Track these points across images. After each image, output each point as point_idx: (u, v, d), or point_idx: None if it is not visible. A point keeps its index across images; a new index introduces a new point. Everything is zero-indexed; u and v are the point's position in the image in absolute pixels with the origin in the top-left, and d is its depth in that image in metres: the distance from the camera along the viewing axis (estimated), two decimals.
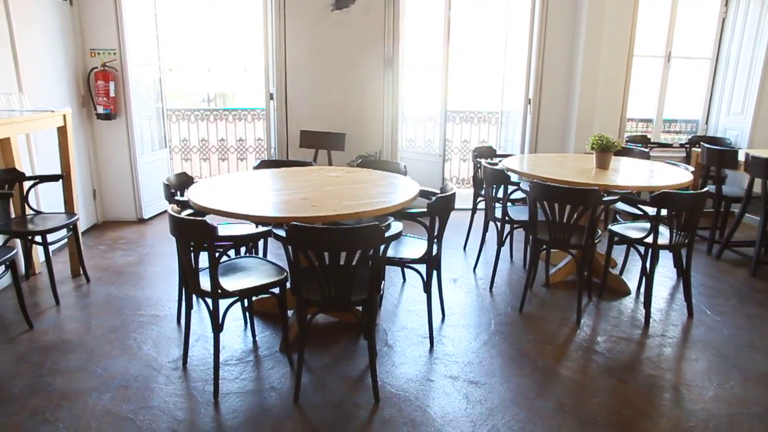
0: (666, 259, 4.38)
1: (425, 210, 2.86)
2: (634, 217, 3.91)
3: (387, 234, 2.35)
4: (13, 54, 3.92)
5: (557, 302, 3.66)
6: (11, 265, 3.14)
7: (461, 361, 2.91)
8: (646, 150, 4.77)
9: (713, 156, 4.56)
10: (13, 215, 3.75)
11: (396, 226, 2.47)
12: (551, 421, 2.41)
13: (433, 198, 2.86)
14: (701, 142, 5.01)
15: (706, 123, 6.12)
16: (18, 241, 3.76)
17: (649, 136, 5.94)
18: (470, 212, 4.79)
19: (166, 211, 5.66)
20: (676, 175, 3.65)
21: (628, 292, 3.82)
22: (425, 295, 3.09)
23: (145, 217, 5.42)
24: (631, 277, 4.08)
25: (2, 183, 3.57)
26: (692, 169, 3.86)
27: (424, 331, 3.20)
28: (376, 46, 5.33)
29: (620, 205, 4.01)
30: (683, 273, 3.52)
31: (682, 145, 5.89)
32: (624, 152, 4.77)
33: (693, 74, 6.04)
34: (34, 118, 3.53)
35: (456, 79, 6.24)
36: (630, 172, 3.87)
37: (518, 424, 2.39)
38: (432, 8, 5.38)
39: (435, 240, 2.98)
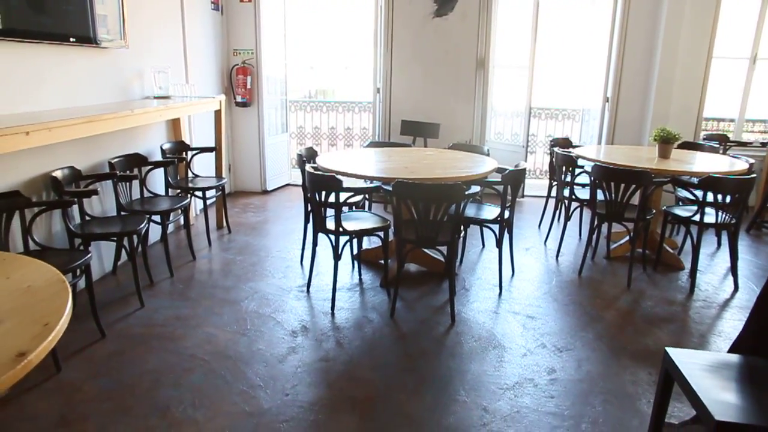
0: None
1: (500, 180, 3.58)
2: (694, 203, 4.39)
3: (467, 192, 3.11)
4: (184, 54, 5.05)
5: (614, 271, 4.24)
6: (185, 212, 4.22)
7: (523, 303, 3.62)
8: (717, 145, 5.18)
9: None
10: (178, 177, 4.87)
11: (474, 188, 3.23)
12: (588, 345, 3.08)
13: (507, 171, 3.58)
14: None
15: None
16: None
17: (729, 134, 6.23)
18: (545, 198, 5.42)
19: (285, 185, 6.78)
20: (731, 165, 4.11)
21: (682, 268, 4.32)
22: (498, 253, 3.82)
23: (268, 189, 6.50)
24: (690, 259, 4.54)
25: (175, 152, 4.68)
26: (752, 161, 4.28)
27: (496, 281, 3.92)
28: (470, 49, 6.07)
29: (682, 193, 4.51)
30: (731, 250, 3.99)
31: (763, 144, 6.13)
32: (696, 147, 5.20)
33: None
34: (202, 102, 4.61)
35: (542, 78, 6.81)
36: (689, 161, 4.35)
37: (561, 344, 3.08)
38: (520, 14, 6.03)
39: (507, 206, 3.69)
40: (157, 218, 3.87)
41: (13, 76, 3.04)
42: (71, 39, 3.41)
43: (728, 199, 3.72)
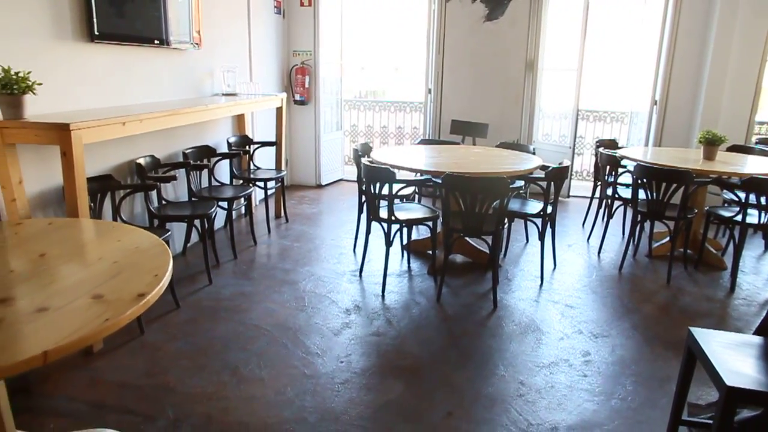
0: None
1: (543, 176, 3.78)
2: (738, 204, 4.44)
3: (511, 186, 3.33)
4: (249, 54, 5.44)
5: (655, 269, 4.35)
6: (248, 200, 4.59)
7: (562, 293, 3.80)
8: (766, 148, 5.18)
9: None
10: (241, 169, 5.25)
11: (518, 183, 3.44)
12: (623, 333, 3.24)
13: (550, 167, 3.77)
14: None
15: None
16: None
17: None
18: (589, 198, 5.55)
19: (338, 180, 7.11)
20: None
21: (724, 268, 4.39)
22: (540, 246, 4.01)
23: (323, 184, 6.84)
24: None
25: (239, 145, 5.06)
26: None
27: (538, 273, 4.11)
28: (519, 52, 6.24)
29: (728, 195, 4.57)
30: None
31: None
32: (746, 151, 5.22)
33: None
34: (266, 99, 4.97)
35: (590, 80, 6.89)
36: (735, 163, 4.41)
37: (597, 331, 3.26)
38: (570, 17, 6.15)
39: (551, 202, 3.88)
40: (223, 204, 4.24)
41: (108, 74, 3.45)
42: (155, 42, 3.81)
43: None
